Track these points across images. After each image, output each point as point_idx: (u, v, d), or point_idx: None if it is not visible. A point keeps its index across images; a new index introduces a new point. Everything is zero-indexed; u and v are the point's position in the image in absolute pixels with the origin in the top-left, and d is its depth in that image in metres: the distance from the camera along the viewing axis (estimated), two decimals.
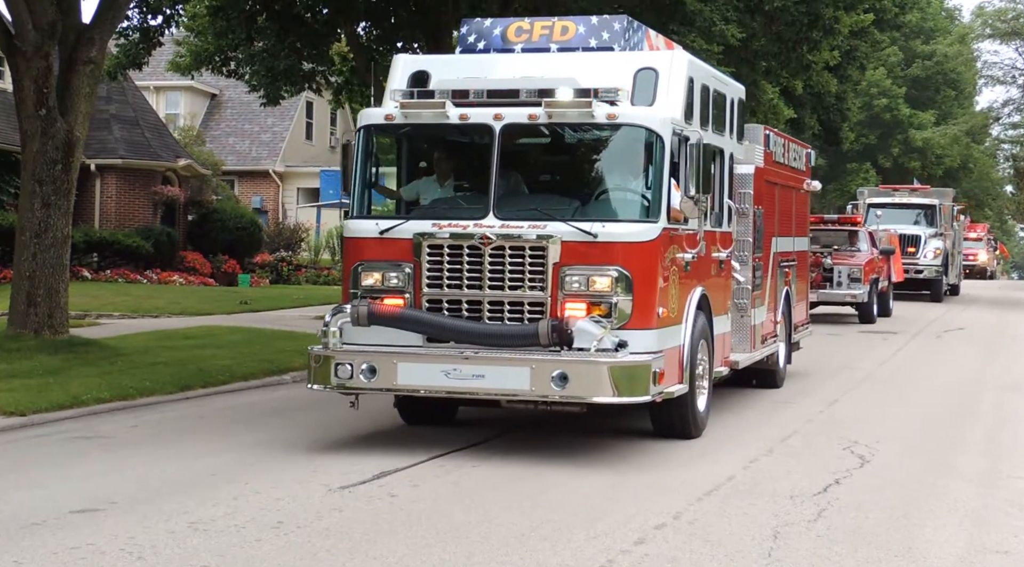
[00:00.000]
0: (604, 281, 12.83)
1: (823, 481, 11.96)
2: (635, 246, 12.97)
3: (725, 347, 15.89)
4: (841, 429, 15.11)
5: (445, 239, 13.11)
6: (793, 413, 16.44)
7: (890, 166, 72.91)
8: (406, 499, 11.02)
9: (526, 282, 12.96)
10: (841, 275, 33.09)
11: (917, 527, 10.32)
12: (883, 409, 16.96)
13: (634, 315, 12.88)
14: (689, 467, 12.67)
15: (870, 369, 22.02)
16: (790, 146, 19.28)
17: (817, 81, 38.96)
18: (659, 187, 13.21)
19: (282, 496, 10.99)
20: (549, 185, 14.04)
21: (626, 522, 10.20)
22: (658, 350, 13.03)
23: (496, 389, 12.79)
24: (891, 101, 71.35)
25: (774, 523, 10.24)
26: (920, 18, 72.67)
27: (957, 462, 13.32)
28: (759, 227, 17.07)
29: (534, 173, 13.95)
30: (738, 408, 16.66)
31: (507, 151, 13.46)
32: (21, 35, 20.01)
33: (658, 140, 13.19)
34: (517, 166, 13.73)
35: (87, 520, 10.06)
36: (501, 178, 13.27)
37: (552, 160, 14.26)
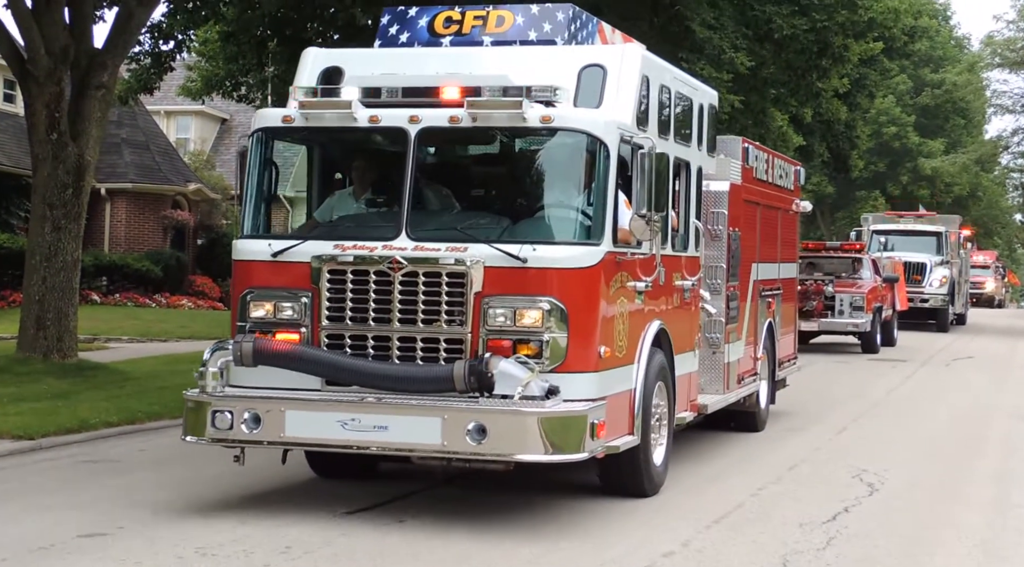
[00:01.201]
0: (534, 314, 10.40)
1: (832, 509, 11.52)
2: (572, 273, 10.51)
3: (691, 389, 13.36)
4: (850, 457, 14.54)
5: (348, 263, 10.67)
6: (801, 441, 15.85)
7: (899, 194, 70.39)
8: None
9: (442, 315, 10.54)
10: (843, 303, 31.00)
11: (927, 556, 10.07)
12: (892, 437, 16.47)
13: (570, 355, 10.42)
14: (697, 494, 12.17)
15: (878, 397, 21.39)
16: (775, 162, 16.74)
17: (826, 109, 37.68)
18: (603, 203, 10.74)
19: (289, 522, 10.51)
20: (474, 200, 11.59)
21: (635, 550, 9.91)
22: (598, 397, 10.59)
23: (401, 443, 10.33)
24: (900, 129, 68.95)
25: (783, 551, 9.93)
26: (929, 47, 70.36)
27: (967, 490, 12.92)
28: (735, 252, 14.54)
29: (457, 186, 11.50)
30: (745, 436, 15.95)
31: (425, 160, 11.09)
32: (34, 60, 19.91)
33: (601, 148, 10.72)
34: (437, 177, 11.33)
35: (95, 545, 9.82)
36: (417, 191, 10.84)
37: (478, 171, 11.83)
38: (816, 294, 30.67)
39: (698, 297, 13.55)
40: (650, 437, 11.79)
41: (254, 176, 11.26)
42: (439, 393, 10.38)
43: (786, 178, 17.41)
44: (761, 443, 15.50)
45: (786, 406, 18.39)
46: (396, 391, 10.44)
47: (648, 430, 11.72)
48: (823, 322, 30.65)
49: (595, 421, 10.39)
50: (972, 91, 70.61)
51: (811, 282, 30.89)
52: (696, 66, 26.34)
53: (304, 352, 10.53)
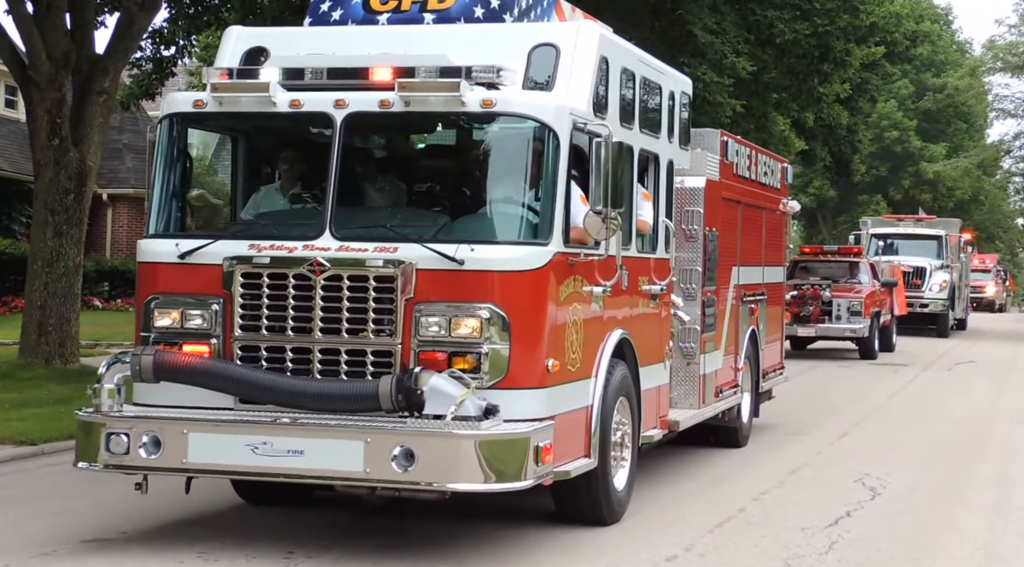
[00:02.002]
0: (471, 323, 9.02)
1: (834, 513, 11.27)
2: (515, 276, 9.13)
3: (660, 404, 11.93)
4: (852, 461, 14.20)
5: (264, 265, 9.28)
6: (803, 445, 15.49)
7: (901, 198, 68.92)
8: None
9: (369, 324, 9.11)
10: (840, 308, 29.77)
11: (929, 559, 9.85)
12: (894, 441, 16.13)
13: (512, 369, 9.05)
14: (699, 498, 11.86)
15: (880, 401, 21.01)
16: (759, 158, 15.29)
17: (828, 113, 37.06)
18: (552, 198, 9.35)
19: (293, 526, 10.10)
20: (409, 195, 10.15)
21: (637, 553, 9.64)
22: (545, 416, 9.21)
23: (318, 470, 8.94)
24: (902, 133, 67.56)
25: (785, 555, 9.72)
26: (931, 51, 68.98)
27: (968, 494, 12.63)
28: (711, 254, 13.11)
29: (390, 178, 10.04)
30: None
31: (353, 149, 9.72)
32: (35, 66, 19.75)
33: (551, 135, 9.33)
34: (367, 168, 9.93)
35: (97, 549, 9.44)
36: (343, 185, 9.43)
37: (413, 162, 10.44)
38: (813, 299, 29.46)
39: (669, 303, 12.13)
40: (609, 459, 10.39)
41: (162, 168, 9.86)
42: (364, 413, 8.98)
43: (772, 176, 15.97)
44: (763, 448, 15.03)
45: (787, 411, 18.07)
46: (315, 410, 9.05)
47: (607, 452, 10.32)
48: (820, 327, 29.53)
49: (540, 444, 8.99)
50: (974, 95, 69.32)
51: (808, 287, 29.76)
52: (698, 70, 26.24)
53: (210, 366, 9.14)
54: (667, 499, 11.66)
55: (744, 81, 28.83)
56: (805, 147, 42.02)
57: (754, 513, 11.26)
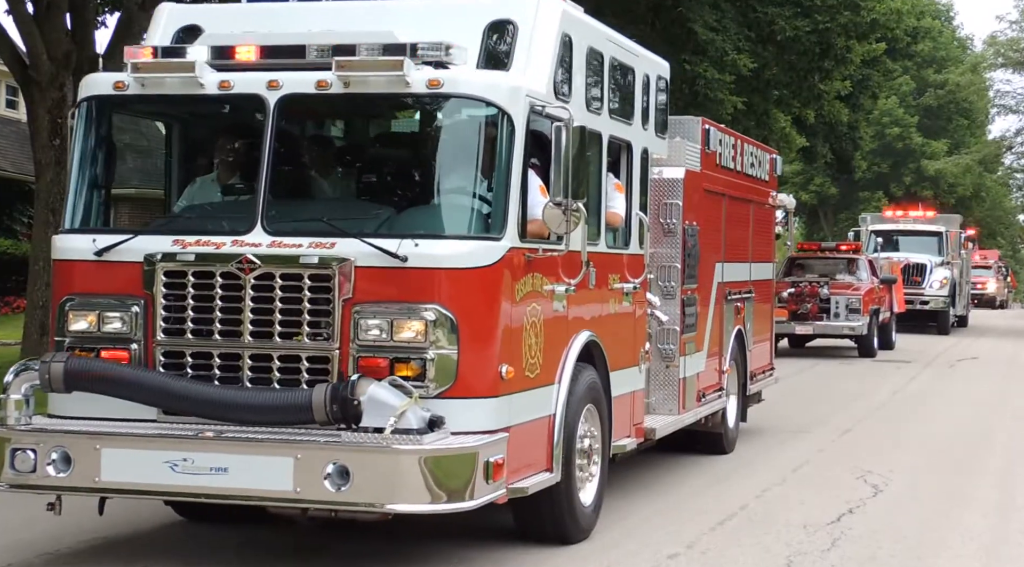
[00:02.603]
0: (415, 326, 8.07)
1: (836, 511, 11.06)
2: (463, 274, 8.18)
3: (635, 410, 10.95)
4: (854, 459, 13.92)
5: (188, 263, 8.33)
6: (806, 443, 15.20)
7: (902, 195, 67.75)
8: None
9: (304, 327, 8.14)
10: (839, 306, 28.80)
11: (931, 557, 9.63)
12: (897, 438, 15.87)
13: (461, 376, 8.11)
14: (702, 496, 11.62)
15: (883, 399, 20.66)
16: (745, 148, 14.29)
17: (829, 110, 36.53)
18: (505, 188, 8.39)
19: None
20: (350, 184, 9.16)
21: (639, 551, 9.41)
22: (498, 428, 8.26)
23: (242, 489, 7.99)
24: (903, 130, 66.32)
25: (787, 552, 9.52)
26: (932, 47, 67.80)
27: (971, 492, 12.35)
28: (692, 249, 12.12)
29: (328, 166, 9.09)
30: (746, 438, 14.85)
31: (288, 134, 8.77)
32: (36, 66, 19.50)
33: (504, 119, 8.37)
34: (303, 156, 8.95)
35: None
36: (278, 174, 8.47)
37: (355, 148, 9.45)
38: (811, 296, 28.55)
39: (644, 302, 11.14)
40: (575, 473, 9.42)
41: (80, 157, 8.94)
42: (296, 425, 8.01)
43: (760, 167, 14.97)
44: (765, 445, 14.76)
45: (789, 408, 17.93)
46: (243, 423, 8.10)
47: (572, 464, 9.36)
48: (818, 325, 28.59)
49: (492, 459, 8.04)
50: (975, 91, 68.23)
51: (806, 284, 28.84)
52: (699, 68, 26.27)
53: (125, 374, 8.18)
54: (668, 498, 11.41)
55: (745, 78, 28.48)
56: (806, 144, 41.39)
57: (756, 511, 11.03)
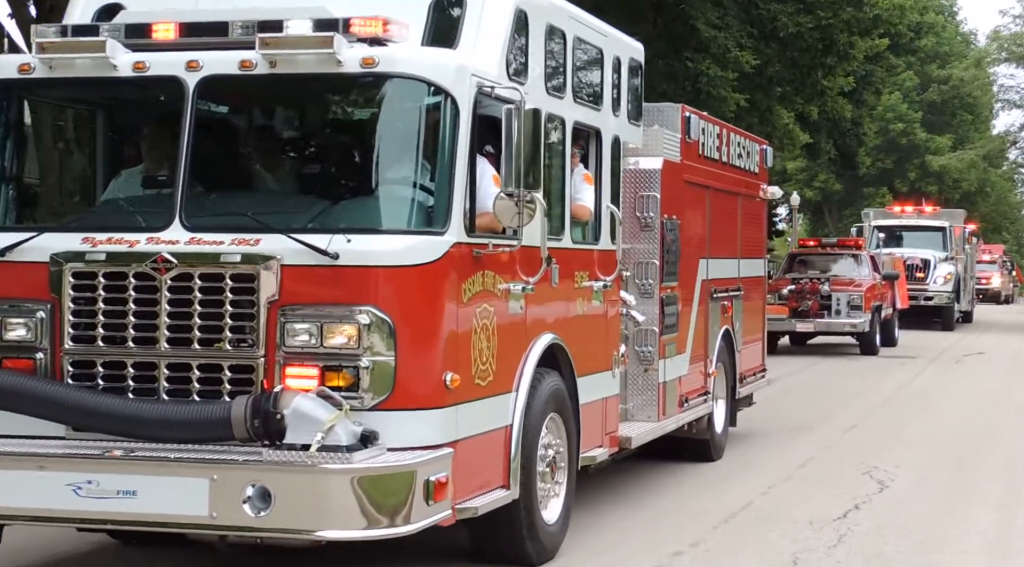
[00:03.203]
0: (347, 330, 7.18)
1: (842, 507, 10.88)
2: (401, 272, 7.27)
3: (607, 418, 10.03)
4: (859, 455, 13.71)
5: (99, 263, 7.43)
6: (811, 439, 14.97)
7: (907, 191, 66.75)
8: None
9: (226, 333, 7.23)
10: (840, 303, 27.79)
11: (937, 553, 9.46)
12: (902, 434, 15.66)
13: (399, 385, 7.21)
14: (706, 494, 11.40)
15: (888, 394, 20.38)
16: (731, 138, 13.35)
17: (832, 106, 35.48)
18: (449, 177, 7.48)
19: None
20: (278, 175, 8.20)
21: (643, 550, 9.23)
22: (442, 442, 7.30)
23: (153, 515, 7.07)
24: (907, 126, 65.35)
25: (793, 549, 9.34)
26: (935, 43, 66.73)
27: (977, 488, 12.18)
28: (671, 245, 11.19)
29: (254, 155, 8.17)
30: (749, 436, 14.61)
31: (209, 120, 7.83)
32: None
33: (448, 101, 7.46)
34: (227, 144, 8.04)
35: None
36: (198, 164, 7.56)
37: (284, 135, 8.49)
38: (811, 293, 27.61)
39: (617, 302, 10.22)
40: (535, 488, 8.50)
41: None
42: (215, 442, 7.10)
43: (748, 158, 14.03)
44: (769, 443, 14.51)
45: (793, 405, 17.77)
46: (156, 439, 7.18)
47: (532, 479, 8.45)
48: (819, 322, 27.60)
49: (433, 477, 7.12)
50: (979, 86, 67.37)
51: (806, 280, 27.83)
52: (701, 65, 25.90)
53: (23, 386, 7.28)
54: (671, 496, 11.19)
55: (747, 75, 27.84)
56: (810, 140, 40.53)
57: (761, 508, 10.85)
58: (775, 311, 26.91)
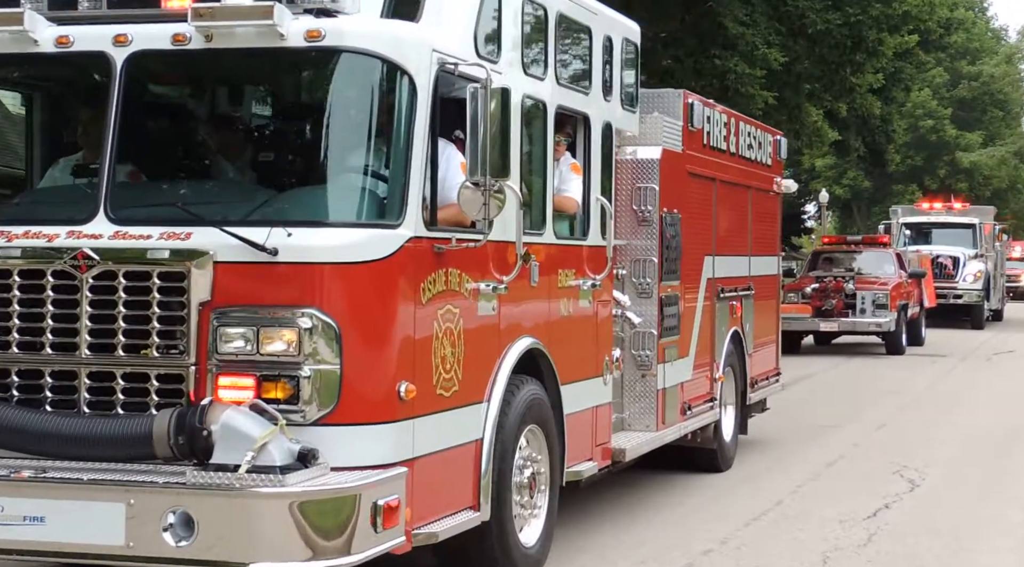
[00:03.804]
0: (287, 335, 6.29)
1: (872, 505, 10.71)
2: (348, 270, 6.39)
3: (597, 429, 9.12)
4: (889, 453, 13.51)
5: (13, 260, 6.54)
6: (841, 437, 14.70)
7: (936, 188, 65.45)
8: None
9: (153, 338, 6.35)
10: (865, 301, 26.69)
11: (968, 552, 9.24)
12: (933, 433, 15.35)
13: (345, 398, 6.34)
14: (736, 493, 11.21)
15: (918, 392, 19.99)
16: (741, 127, 12.40)
17: (861, 103, 34.51)
18: (404, 164, 6.60)
19: None
20: (215, 161, 7.32)
21: (673, 547, 9.05)
22: (396, 460, 6.41)
23: (64, 544, 6.19)
24: (937, 122, 63.93)
25: (823, 547, 9.17)
26: (966, 39, 65.36)
27: (1009, 486, 11.99)
28: (672, 240, 10.27)
29: (189, 140, 7.30)
30: (778, 434, 14.42)
31: (139, 100, 6.94)
32: None
33: (403, 80, 6.58)
34: (158, 128, 7.18)
35: None
36: (125, 149, 6.68)
37: (221, 117, 7.58)
38: (836, 292, 26.60)
39: (609, 302, 9.30)
40: (510, 508, 7.63)
41: None
42: (136, 461, 6.24)
43: (760, 149, 13.07)
44: (799, 440, 14.29)
45: (820, 404, 17.53)
46: (70, 459, 6.32)
47: (506, 499, 7.57)
48: (843, 322, 26.52)
49: (381, 500, 6.24)
50: (1010, 83, 66.09)
51: (830, 279, 26.79)
52: (729, 62, 25.53)
53: None
54: (702, 494, 11.00)
55: (775, 72, 27.32)
56: (839, 138, 39.53)
57: (791, 506, 10.68)
58: (798, 310, 26.08)
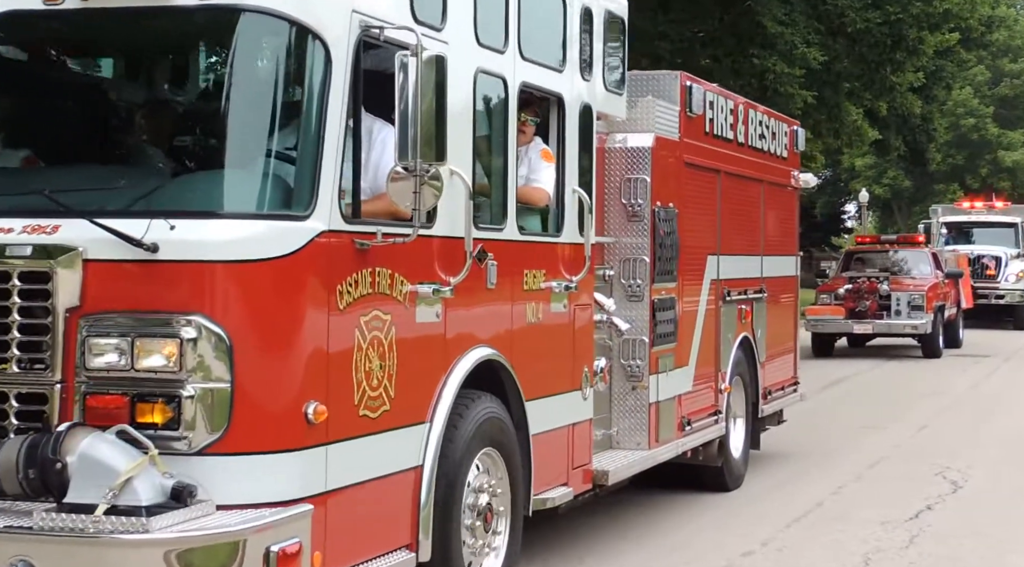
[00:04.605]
0: (166, 348, 5.20)
1: (914, 507, 10.37)
2: (243, 270, 5.29)
3: (574, 449, 7.93)
4: (931, 454, 13.18)
5: None
6: (882, 438, 14.35)
7: (978, 187, 63.80)
8: None
9: (12, 350, 5.27)
10: (900, 303, 25.30)
11: (1012, 554, 8.95)
12: (976, 434, 14.98)
13: (237, 421, 5.20)
14: (777, 494, 10.93)
15: (960, 393, 19.39)
16: (751, 115, 11.17)
17: (901, 102, 33.77)
18: (316, 145, 5.48)
19: None
20: (94, 141, 6.19)
21: (712, 550, 8.77)
22: (304, 496, 5.28)
23: None
24: (979, 121, 62.38)
25: (864, 549, 8.88)
26: (1007, 36, 63.85)
27: None
28: (667, 238, 9.07)
29: (65, 115, 6.18)
30: (822, 432, 14.27)
31: (6, 69, 5.78)
32: None
33: (316, 45, 5.46)
34: (28, 102, 6.03)
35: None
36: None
37: (101, 89, 6.45)
38: (870, 293, 25.26)
39: (589, 307, 8.10)
40: (458, 545, 6.47)
41: None
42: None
43: (773, 140, 11.82)
44: (840, 441, 13.94)
45: (859, 406, 17.20)
46: None
47: (453, 534, 6.39)
48: (878, 324, 25.13)
49: (276, 546, 5.10)
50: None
51: (864, 279, 25.47)
52: (768, 62, 25.10)
53: None
54: (741, 496, 10.71)
55: (815, 71, 26.63)
56: (879, 137, 38.50)
57: (832, 507, 10.44)
58: (831, 312, 24.97)
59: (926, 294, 25.30)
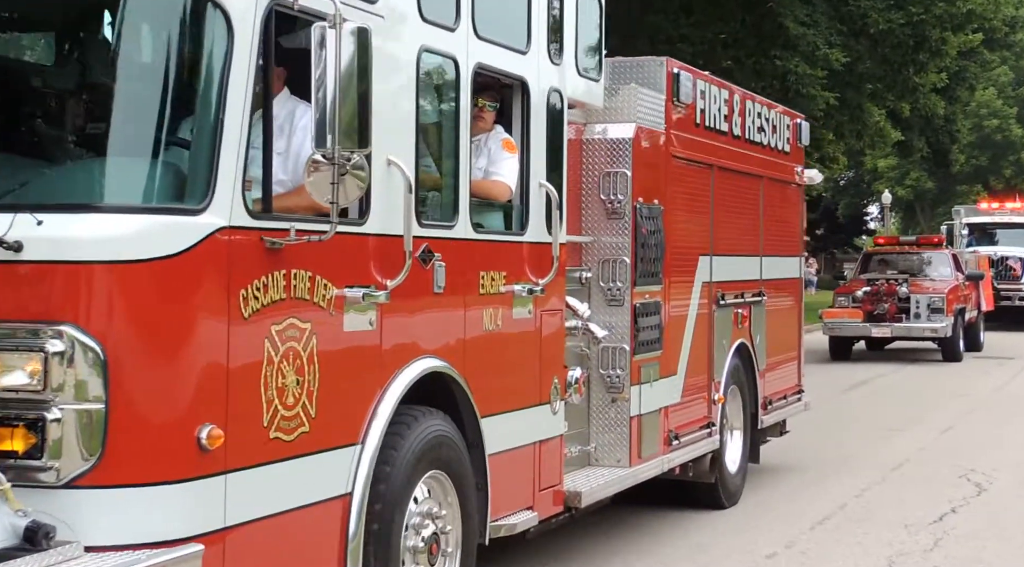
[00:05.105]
0: (28, 364, 4.38)
1: (939, 510, 10.27)
2: (123, 272, 4.50)
3: (542, 469, 7.11)
4: (956, 457, 13.08)
5: None
6: (905, 440, 14.28)
7: (1002, 188, 62.70)
8: None
9: None
10: (920, 305, 24.58)
11: None
12: (1000, 436, 14.82)
13: (114, 449, 4.43)
14: (800, 496, 10.75)
15: (984, 395, 19.20)
16: (747, 106, 10.31)
17: (924, 103, 33.29)
18: (214, 128, 4.69)
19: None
20: None
21: (736, 551, 8.71)
22: (191, 535, 4.48)
23: None
24: (1002, 121, 61.47)
25: (888, 552, 8.80)
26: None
27: None
28: (652, 237, 8.25)
29: None
30: (844, 435, 14.12)
31: None
32: None
33: (217, 15, 4.72)
34: None
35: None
36: None
37: None
38: (888, 295, 24.52)
39: (559, 312, 7.28)
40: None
41: None
42: None
43: (774, 133, 10.96)
44: (863, 443, 13.84)
45: (882, 408, 17.07)
46: None
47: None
48: (897, 327, 24.43)
49: None
50: None
51: (882, 282, 24.68)
52: (790, 63, 25.06)
53: None
54: (764, 497, 10.61)
55: (837, 73, 26.46)
56: (901, 138, 38.35)
57: (856, 510, 10.33)
58: (849, 315, 24.22)
59: (946, 297, 24.57)
